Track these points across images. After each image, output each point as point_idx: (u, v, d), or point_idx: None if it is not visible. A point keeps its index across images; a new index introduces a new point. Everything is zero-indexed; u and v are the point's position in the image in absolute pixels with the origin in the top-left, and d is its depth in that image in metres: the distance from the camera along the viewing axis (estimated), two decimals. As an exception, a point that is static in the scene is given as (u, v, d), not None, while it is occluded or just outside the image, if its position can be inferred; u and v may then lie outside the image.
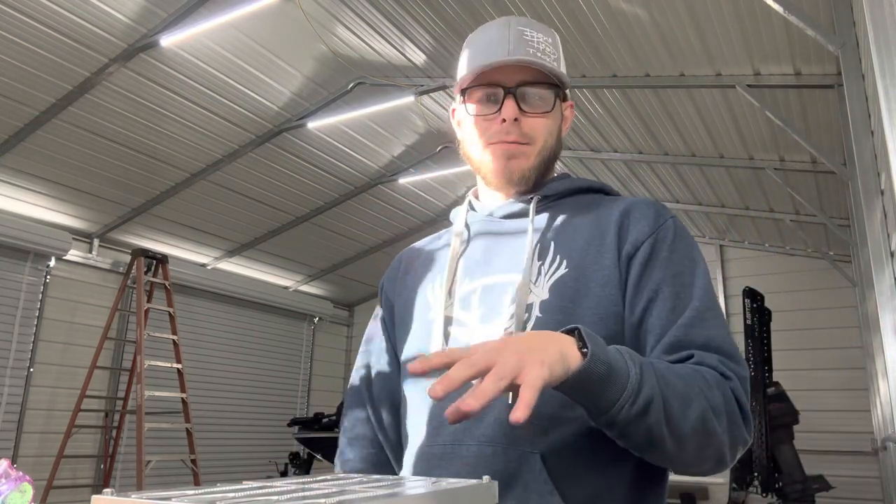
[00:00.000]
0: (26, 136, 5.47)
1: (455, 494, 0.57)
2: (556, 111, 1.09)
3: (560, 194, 1.10)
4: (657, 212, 1.03)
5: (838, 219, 6.64)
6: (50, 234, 6.38)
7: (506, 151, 1.06)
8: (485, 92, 1.07)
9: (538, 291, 0.99)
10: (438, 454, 0.97)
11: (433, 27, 5.04)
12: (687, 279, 0.98)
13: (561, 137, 1.13)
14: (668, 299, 0.95)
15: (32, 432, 6.36)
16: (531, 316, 0.97)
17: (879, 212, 3.11)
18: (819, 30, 3.47)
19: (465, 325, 1.03)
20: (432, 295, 1.11)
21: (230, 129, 6.08)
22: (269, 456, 8.40)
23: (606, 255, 0.99)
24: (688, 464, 0.88)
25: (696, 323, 0.93)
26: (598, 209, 1.07)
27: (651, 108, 5.45)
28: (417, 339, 1.09)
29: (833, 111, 4.83)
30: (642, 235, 1.00)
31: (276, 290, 8.96)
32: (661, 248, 0.99)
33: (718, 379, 0.88)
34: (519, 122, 1.05)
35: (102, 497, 0.47)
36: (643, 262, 0.98)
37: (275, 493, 0.54)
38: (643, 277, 0.98)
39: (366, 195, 7.71)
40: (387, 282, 1.25)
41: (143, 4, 4.61)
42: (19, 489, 0.82)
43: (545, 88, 1.06)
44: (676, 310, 0.95)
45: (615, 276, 0.98)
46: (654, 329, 0.95)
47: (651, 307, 0.96)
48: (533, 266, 1.01)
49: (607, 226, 1.02)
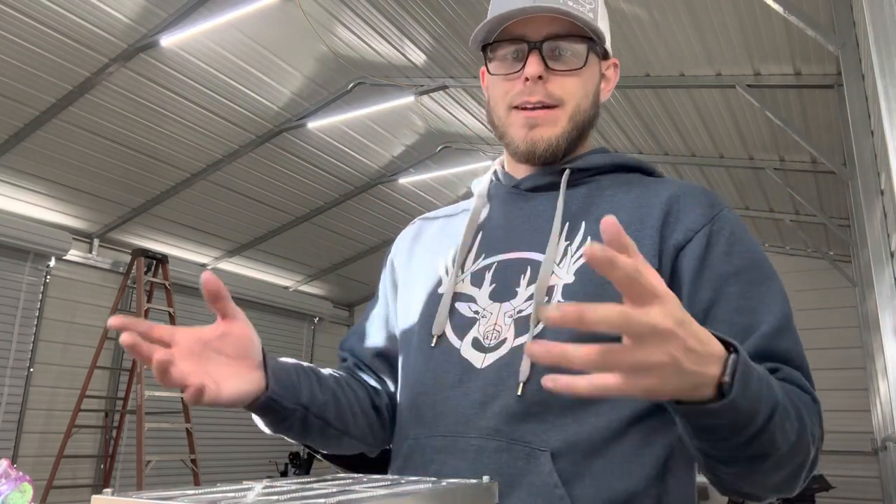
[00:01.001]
0: (26, 136, 5.47)
1: (455, 494, 0.57)
2: (590, 69, 0.95)
3: (597, 169, 0.97)
4: (712, 201, 0.91)
5: (838, 219, 6.64)
6: (50, 234, 6.38)
7: (529, 119, 0.93)
8: (508, 48, 0.94)
9: (561, 274, 0.87)
10: (436, 447, 0.87)
11: (433, 27, 5.04)
12: (754, 276, 0.86)
13: (599, 101, 0.99)
14: (733, 299, 0.84)
15: (32, 432, 6.36)
16: (552, 301, 0.86)
17: (879, 212, 3.11)
18: (819, 30, 3.47)
19: (474, 301, 0.92)
20: (443, 267, 1.00)
21: (230, 129, 6.08)
22: (269, 456, 8.40)
23: (646, 241, 0.87)
24: (765, 490, 0.77)
25: (778, 333, 0.82)
26: (639, 189, 0.94)
27: (651, 108, 5.45)
28: (420, 311, 0.98)
29: (833, 111, 4.83)
30: (695, 224, 0.88)
31: (276, 290, 8.97)
32: (717, 240, 0.87)
33: (810, 404, 0.77)
34: (545, 81, 0.91)
35: (102, 497, 0.47)
36: (698, 255, 0.86)
37: (275, 493, 0.54)
38: (700, 273, 0.85)
39: (366, 195, 7.71)
40: (395, 247, 1.14)
41: (143, 4, 4.61)
42: (19, 489, 0.82)
43: (577, 42, 0.92)
44: (744, 311, 0.83)
45: (654, 265, 0.84)
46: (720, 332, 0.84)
47: (714, 309, 0.84)
48: (559, 246, 0.90)
49: (651, 209, 0.90)
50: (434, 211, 1.17)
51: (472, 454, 0.83)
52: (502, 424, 0.83)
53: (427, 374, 0.92)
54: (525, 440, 0.82)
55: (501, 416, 0.83)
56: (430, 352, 0.93)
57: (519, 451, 0.81)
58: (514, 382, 0.83)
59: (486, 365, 0.87)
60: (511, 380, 0.84)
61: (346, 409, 0.95)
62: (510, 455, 0.82)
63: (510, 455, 0.82)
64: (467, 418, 0.85)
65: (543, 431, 0.81)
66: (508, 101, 0.94)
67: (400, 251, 1.12)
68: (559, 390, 0.56)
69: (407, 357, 0.99)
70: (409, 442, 0.91)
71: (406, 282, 1.06)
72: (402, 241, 1.14)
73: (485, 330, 0.89)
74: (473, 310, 0.91)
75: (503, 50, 0.95)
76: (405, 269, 1.08)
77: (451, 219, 1.10)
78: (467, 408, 0.86)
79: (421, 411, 0.91)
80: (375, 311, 1.12)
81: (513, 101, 0.94)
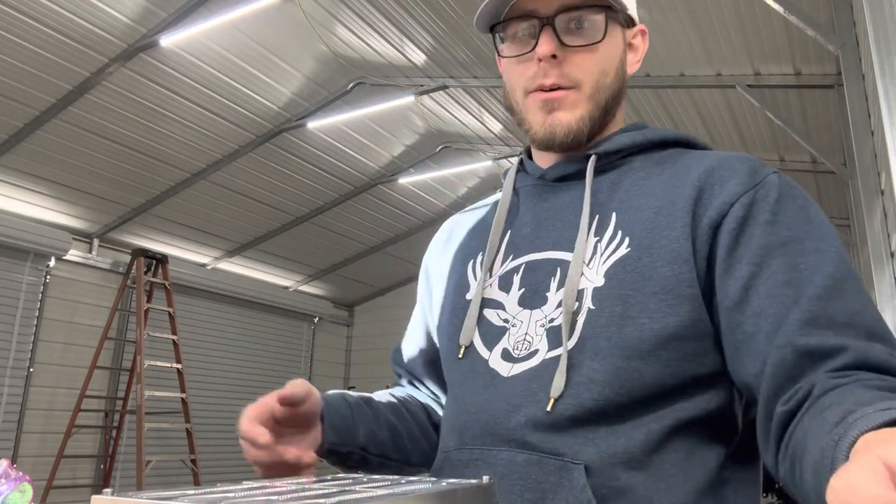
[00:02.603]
0: (26, 136, 5.47)
1: (455, 494, 0.57)
2: (611, 41, 0.85)
3: (628, 149, 0.87)
4: (753, 167, 0.79)
5: (838, 219, 6.64)
6: (50, 234, 6.38)
7: (545, 103, 0.84)
8: (519, 25, 0.85)
9: (591, 275, 0.79)
10: (465, 460, 0.81)
11: (433, 27, 5.04)
12: (808, 245, 0.72)
13: (625, 74, 0.89)
14: (779, 272, 0.71)
15: (32, 432, 6.36)
16: (581, 307, 0.78)
17: (879, 212, 3.11)
18: (819, 30, 3.47)
19: (503, 308, 0.85)
20: (471, 271, 0.93)
21: (230, 129, 6.08)
22: (269, 456, 8.39)
23: (677, 224, 0.77)
24: None
25: (832, 294, 0.68)
26: (675, 167, 0.83)
27: (651, 108, 5.45)
28: (450, 319, 0.93)
29: (833, 111, 4.83)
30: (732, 197, 0.76)
31: (276, 290, 8.96)
32: (760, 209, 0.75)
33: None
34: (560, 60, 0.83)
35: (102, 497, 0.47)
36: (736, 227, 0.75)
37: (275, 493, 0.54)
38: (738, 246, 0.74)
39: (366, 195, 7.71)
40: (430, 248, 1.07)
41: (143, 4, 4.61)
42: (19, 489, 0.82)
43: (594, 12, 0.83)
44: (794, 283, 0.70)
45: (687, 249, 0.76)
46: (765, 312, 0.70)
47: (755, 284, 0.72)
48: (588, 243, 0.81)
49: (683, 188, 0.79)
50: (466, 209, 1.08)
51: (501, 468, 0.77)
52: (530, 436, 0.76)
53: (455, 387, 0.88)
54: (558, 453, 0.75)
55: (528, 427, 0.77)
56: (457, 363, 0.88)
57: (550, 464, 0.74)
58: (544, 396, 0.77)
59: (513, 374, 0.81)
60: (541, 393, 0.78)
61: (406, 440, 0.95)
62: (541, 469, 0.75)
63: (541, 469, 0.75)
64: (492, 429, 0.80)
65: (576, 443, 0.74)
66: (524, 85, 0.86)
67: (433, 253, 1.07)
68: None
69: (443, 363, 0.95)
70: (441, 456, 0.87)
71: (437, 286, 1.01)
72: (436, 243, 1.08)
73: (515, 340, 0.83)
74: (503, 318, 0.85)
75: (513, 28, 0.86)
76: (436, 272, 1.02)
77: (480, 218, 1.02)
78: (491, 418, 0.81)
79: (449, 424, 0.87)
80: (416, 318, 1.08)
81: (528, 86, 0.86)
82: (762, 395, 0.69)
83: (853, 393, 0.57)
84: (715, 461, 0.76)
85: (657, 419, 0.75)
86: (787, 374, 0.66)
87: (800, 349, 0.66)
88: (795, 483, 0.59)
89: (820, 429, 0.54)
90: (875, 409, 0.49)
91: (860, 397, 0.55)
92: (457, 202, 8.27)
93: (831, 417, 0.54)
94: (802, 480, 0.56)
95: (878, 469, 0.37)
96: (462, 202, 8.24)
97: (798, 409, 0.63)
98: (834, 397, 0.58)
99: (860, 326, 0.66)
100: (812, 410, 0.60)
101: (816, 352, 0.65)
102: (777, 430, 0.65)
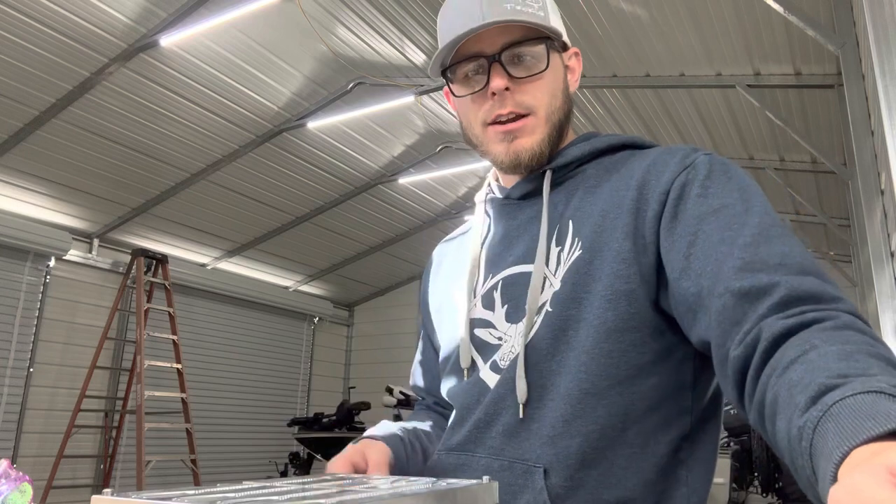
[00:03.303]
0: (26, 136, 5.47)
1: (455, 494, 0.57)
2: (554, 67, 0.92)
3: (579, 160, 0.93)
4: (684, 154, 0.85)
5: (838, 219, 6.64)
6: (50, 234, 6.38)
7: (506, 134, 0.91)
8: (467, 66, 0.92)
9: (555, 282, 0.86)
10: (453, 464, 0.90)
11: (433, 27, 5.04)
12: (738, 208, 0.76)
13: (569, 94, 0.97)
14: (713, 234, 0.75)
15: (32, 432, 6.36)
16: (542, 311, 0.86)
17: (879, 212, 3.11)
18: (819, 30, 3.47)
19: (493, 326, 0.92)
20: (458, 294, 1.00)
21: (230, 129, 6.08)
22: (269, 456, 8.40)
23: (618, 224, 0.84)
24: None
25: (761, 241, 0.72)
26: (621, 171, 0.89)
27: (651, 108, 5.45)
28: (448, 343, 1.00)
29: (833, 111, 4.83)
30: (666, 184, 0.82)
31: (276, 290, 8.96)
32: (692, 186, 0.81)
33: (863, 327, 0.62)
34: (512, 91, 0.89)
35: (102, 497, 0.47)
36: (672, 207, 0.80)
37: (275, 493, 0.53)
38: (676, 224, 0.79)
39: (366, 195, 7.71)
40: (423, 282, 1.16)
41: (143, 4, 4.61)
42: (19, 489, 0.82)
43: (535, 45, 0.90)
44: (727, 241, 0.73)
45: (626, 248, 0.82)
46: (705, 271, 0.74)
47: (693, 251, 0.76)
48: (551, 253, 0.88)
49: (627, 190, 0.86)
50: (450, 235, 1.16)
51: (481, 472, 0.85)
52: (505, 443, 0.85)
53: (457, 400, 0.95)
54: (524, 458, 0.83)
55: (504, 435, 0.85)
56: (462, 384, 0.96)
57: (518, 468, 0.83)
58: (513, 401, 0.85)
59: (494, 384, 0.89)
60: (510, 398, 0.86)
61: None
62: (511, 473, 0.83)
63: (511, 473, 0.83)
64: (475, 437, 0.88)
65: (539, 447, 0.82)
66: (482, 118, 0.93)
67: (426, 284, 1.15)
68: None
69: (446, 386, 1.02)
70: (433, 457, 0.95)
71: (434, 314, 1.09)
72: (427, 274, 1.16)
73: (503, 353, 0.90)
74: (496, 336, 0.91)
75: (463, 69, 0.92)
76: (432, 301, 1.11)
77: (463, 239, 1.09)
78: (476, 427, 0.89)
79: (447, 429, 0.96)
80: (424, 344, 1.16)
81: (486, 118, 0.92)
82: (714, 345, 0.72)
83: (809, 350, 0.58)
84: (667, 447, 0.82)
85: (609, 413, 0.81)
86: (731, 319, 0.69)
87: (736, 292, 0.69)
88: (767, 437, 0.62)
89: (789, 396, 0.55)
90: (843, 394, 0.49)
91: (818, 362, 0.56)
92: (457, 202, 8.27)
93: (799, 391, 0.54)
94: (776, 440, 0.58)
95: (882, 475, 0.38)
96: (462, 202, 8.24)
97: (752, 354, 0.65)
98: (791, 350, 0.60)
99: (791, 265, 0.70)
100: (773, 363, 0.61)
101: (752, 291, 0.68)
102: (735, 375, 0.67)
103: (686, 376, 0.84)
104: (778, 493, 5.94)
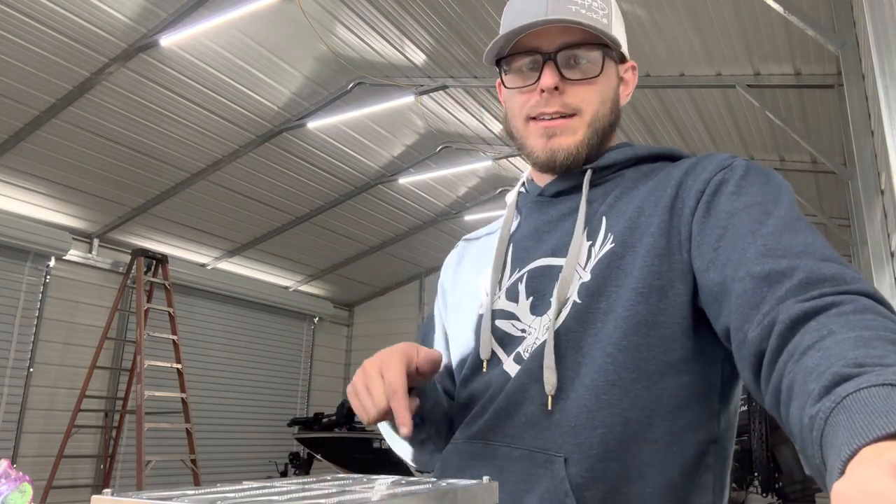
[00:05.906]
0: (26, 136, 5.47)
1: (455, 494, 0.57)
2: (607, 75, 0.93)
3: (619, 165, 0.95)
4: (724, 158, 0.87)
5: (838, 219, 6.64)
6: (50, 234, 6.39)
7: (546, 129, 0.92)
8: (523, 60, 0.93)
9: (584, 274, 0.87)
10: (470, 452, 0.90)
11: (433, 27, 5.04)
12: (769, 207, 0.78)
13: (619, 105, 0.98)
14: (742, 227, 0.77)
15: (32, 432, 6.36)
16: (569, 302, 0.86)
17: (879, 212, 3.11)
18: (819, 30, 3.47)
19: (516, 318, 0.92)
20: (482, 286, 1.00)
21: (230, 129, 6.09)
22: (269, 456, 8.40)
23: (654, 220, 0.85)
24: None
25: (785, 231, 0.74)
26: (659, 176, 0.91)
27: (651, 108, 5.45)
28: (467, 334, 1.00)
29: (833, 111, 4.83)
30: (703, 183, 0.84)
31: (276, 290, 8.97)
32: (727, 184, 0.82)
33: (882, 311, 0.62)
34: (561, 92, 0.91)
35: (102, 497, 0.47)
36: (707, 202, 0.82)
37: (275, 493, 0.54)
38: (709, 217, 0.81)
39: (366, 195, 7.71)
40: (443, 271, 1.16)
41: (143, 4, 4.61)
42: (19, 489, 0.82)
43: (592, 50, 0.91)
44: (754, 233, 0.75)
45: (661, 244, 0.83)
46: (730, 259, 0.75)
47: (722, 244, 0.77)
48: (583, 248, 0.89)
49: (664, 190, 0.87)
50: (475, 231, 1.16)
51: (500, 461, 0.86)
52: (525, 432, 0.85)
53: (476, 390, 0.95)
54: (545, 448, 0.83)
55: (526, 424, 0.85)
56: (482, 374, 0.95)
57: (539, 458, 0.83)
58: (536, 391, 0.85)
59: (515, 374, 0.89)
60: (533, 388, 0.85)
61: (445, 423, 1.02)
62: (532, 462, 0.83)
63: (532, 462, 0.83)
64: (495, 426, 0.88)
65: (560, 436, 0.82)
66: (526, 112, 0.94)
67: (447, 275, 1.14)
68: None
69: (460, 378, 1.01)
70: (450, 446, 0.95)
71: (455, 305, 1.07)
72: (448, 266, 1.15)
73: (526, 345, 0.90)
74: (520, 328, 0.91)
75: (518, 62, 0.94)
76: (452, 292, 1.10)
77: (490, 237, 1.10)
78: (496, 416, 0.88)
79: (464, 419, 0.95)
80: (436, 336, 1.14)
81: (530, 113, 0.93)
82: (732, 328, 0.72)
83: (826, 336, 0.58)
84: (694, 448, 0.82)
85: (634, 406, 0.81)
86: (750, 302, 0.70)
87: (756, 275, 0.71)
88: (780, 421, 0.63)
89: (804, 383, 0.56)
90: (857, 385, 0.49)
91: (834, 349, 0.56)
92: (457, 202, 8.27)
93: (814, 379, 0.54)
94: (789, 425, 0.59)
95: (887, 469, 0.38)
96: (462, 202, 8.24)
97: (768, 336, 0.65)
98: (808, 335, 0.60)
99: (814, 253, 0.70)
100: (791, 348, 0.61)
101: (772, 274, 0.69)
102: (751, 358, 0.68)
103: (715, 379, 0.85)
104: (778, 493, 5.94)
